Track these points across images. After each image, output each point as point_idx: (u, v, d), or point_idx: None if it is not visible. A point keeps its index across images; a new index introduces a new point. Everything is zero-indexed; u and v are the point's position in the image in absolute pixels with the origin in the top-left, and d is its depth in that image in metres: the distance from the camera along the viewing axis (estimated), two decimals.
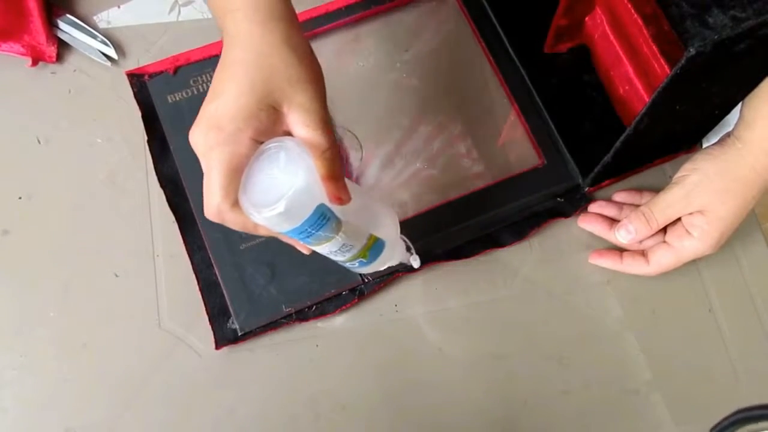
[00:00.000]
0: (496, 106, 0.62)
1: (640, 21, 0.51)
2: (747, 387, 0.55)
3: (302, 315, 0.55)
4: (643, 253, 0.56)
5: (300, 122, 0.39)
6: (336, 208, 0.40)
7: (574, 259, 0.58)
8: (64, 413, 0.52)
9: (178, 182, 0.57)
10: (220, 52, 0.60)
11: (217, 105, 0.38)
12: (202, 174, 0.57)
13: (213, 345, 0.54)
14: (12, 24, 0.60)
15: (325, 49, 0.63)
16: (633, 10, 0.51)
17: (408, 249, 0.51)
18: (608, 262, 0.57)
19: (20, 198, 0.57)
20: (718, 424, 0.33)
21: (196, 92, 0.60)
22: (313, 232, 0.39)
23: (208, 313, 0.54)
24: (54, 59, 0.61)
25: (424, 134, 0.60)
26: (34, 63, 0.61)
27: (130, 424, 0.52)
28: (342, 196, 0.39)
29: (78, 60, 0.62)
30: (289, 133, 0.40)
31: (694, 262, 0.55)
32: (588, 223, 0.58)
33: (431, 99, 0.62)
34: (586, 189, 0.59)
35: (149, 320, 0.55)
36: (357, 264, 0.46)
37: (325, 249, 0.42)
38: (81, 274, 0.56)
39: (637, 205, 0.57)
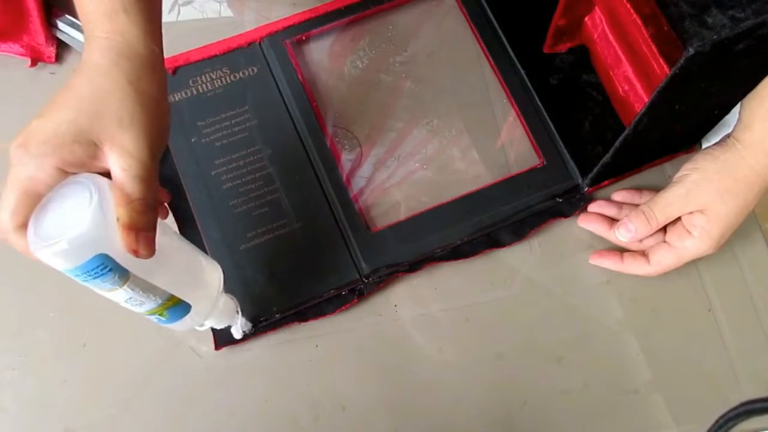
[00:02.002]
0: (496, 106, 0.62)
1: (639, 21, 0.51)
2: (747, 387, 0.55)
3: (302, 315, 0.55)
4: (643, 254, 0.56)
5: (118, 164, 0.37)
6: (130, 261, 0.38)
7: (574, 259, 0.58)
8: (63, 413, 0.52)
9: (176, 182, 0.57)
10: (220, 53, 0.61)
11: (37, 124, 0.37)
12: (200, 174, 0.57)
13: (213, 345, 0.54)
14: (11, 24, 0.60)
15: (324, 49, 0.63)
16: (632, 11, 0.51)
17: (237, 313, 0.50)
18: (609, 262, 0.57)
19: None
20: (723, 416, 0.33)
21: (195, 92, 0.60)
22: (90, 278, 0.37)
23: None
24: (53, 59, 0.61)
25: (423, 134, 0.61)
26: (34, 63, 0.61)
27: (130, 424, 0.52)
28: (140, 249, 0.37)
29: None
30: (108, 175, 0.38)
31: (694, 262, 0.55)
32: (588, 223, 0.58)
33: (430, 99, 0.62)
34: (586, 189, 0.59)
35: (149, 320, 0.54)
36: (155, 319, 0.43)
37: (109, 296, 0.40)
38: None
39: (637, 205, 0.57)
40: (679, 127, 0.55)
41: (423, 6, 0.65)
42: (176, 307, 0.43)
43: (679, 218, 0.54)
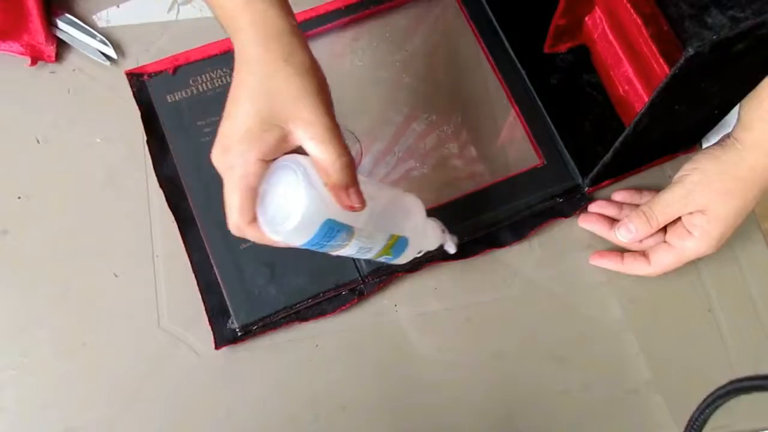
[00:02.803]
0: (496, 106, 0.62)
1: (639, 21, 0.51)
2: None
3: (302, 315, 0.55)
4: (644, 254, 0.56)
5: (306, 137, 0.40)
6: (349, 216, 0.42)
7: (574, 259, 0.58)
8: (63, 413, 0.52)
9: (177, 182, 0.57)
10: (220, 52, 0.61)
11: (227, 127, 0.41)
12: (200, 174, 0.57)
13: (212, 345, 0.54)
14: (11, 23, 0.60)
15: (324, 48, 0.63)
16: (632, 10, 0.51)
17: (443, 232, 0.52)
18: (609, 263, 0.57)
19: (20, 198, 0.57)
20: (711, 394, 0.33)
21: (195, 92, 0.60)
22: (325, 243, 0.42)
23: (207, 313, 0.54)
24: (53, 59, 0.61)
25: (422, 134, 0.60)
26: (34, 62, 0.61)
27: (129, 424, 0.52)
28: (354, 204, 0.41)
29: (77, 59, 0.62)
30: (301, 148, 0.41)
31: (694, 262, 0.55)
32: (588, 223, 0.58)
33: (430, 99, 0.62)
34: (586, 189, 0.59)
35: (149, 320, 0.55)
36: (383, 259, 0.48)
37: (343, 253, 0.44)
38: (81, 274, 0.56)
39: (637, 205, 0.57)
40: (679, 127, 0.55)
41: (423, 5, 0.65)
42: (397, 243, 0.47)
43: (679, 218, 0.54)
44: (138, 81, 0.60)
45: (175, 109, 0.59)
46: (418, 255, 0.50)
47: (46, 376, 0.53)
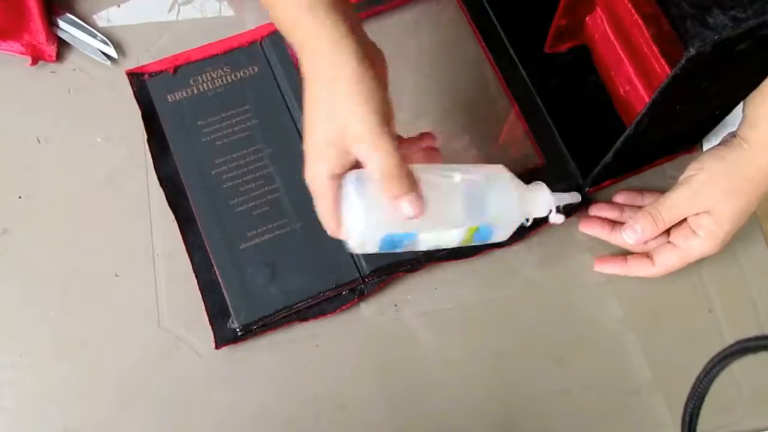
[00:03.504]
0: (496, 106, 0.62)
1: (640, 21, 0.51)
2: (747, 387, 0.55)
3: (302, 315, 0.55)
4: (647, 255, 0.55)
5: (360, 152, 0.41)
6: (412, 222, 0.42)
7: (574, 259, 0.58)
8: (63, 413, 0.52)
9: (177, 181, 0.57)
10: (220, 52, 0.61)
11: (305, 144, 0.43)
12: (200, 173, 0.57)
13: (213, 345, 0.54)
14: (12, 23, 0.60)
15: None
16: (633, 10, 0.51)
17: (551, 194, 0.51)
18: (614, 267, 0.56)
19: (20, 197, 0.57)
20: (718, 354, 0.33)
21: (195, 92, 0.60)
22: (392, 249, 0.44)
23: (207, 313, 0.54)
24: (54, 58, 0.61)
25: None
26: (34, 62, 0.61)
27: (129, 424, 0.52)
28: (409, 214, 0.41)
29: (78, 59, 0.62)
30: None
31: (695, 263, 0.55)
32: (589, 227, 0.58)
33: (431, 98, 0.62)
34: (587, 189, 0.59)
35: (149, 320, 0.55)
36: (478, 242, 0.48)
37: (421, 248, 0.46)
38: (81, 273, 0.56)
39: (638, 206, 0.57)
40: (679, 127, 0.55)
41: (423, 5, 0.65)
42: (477, 233, 0.47)
43: (684, 219, 0.54)
44: (138, 81, 0.60)
45: (176, 108, 0.59)
46: (527, 223, 0.50)
47: (46, 375, 0.53)
